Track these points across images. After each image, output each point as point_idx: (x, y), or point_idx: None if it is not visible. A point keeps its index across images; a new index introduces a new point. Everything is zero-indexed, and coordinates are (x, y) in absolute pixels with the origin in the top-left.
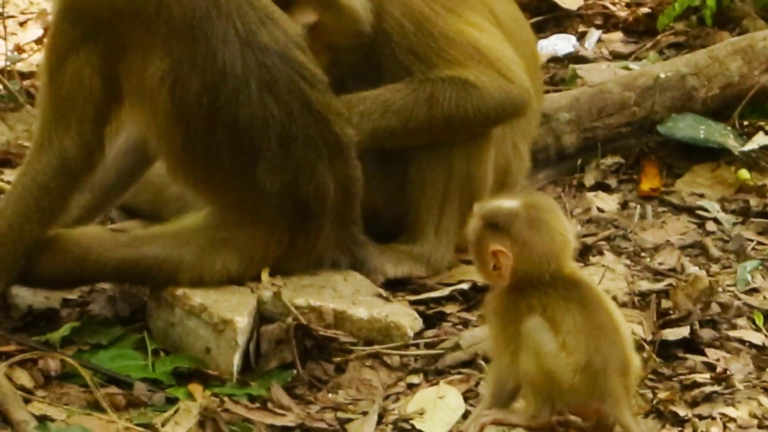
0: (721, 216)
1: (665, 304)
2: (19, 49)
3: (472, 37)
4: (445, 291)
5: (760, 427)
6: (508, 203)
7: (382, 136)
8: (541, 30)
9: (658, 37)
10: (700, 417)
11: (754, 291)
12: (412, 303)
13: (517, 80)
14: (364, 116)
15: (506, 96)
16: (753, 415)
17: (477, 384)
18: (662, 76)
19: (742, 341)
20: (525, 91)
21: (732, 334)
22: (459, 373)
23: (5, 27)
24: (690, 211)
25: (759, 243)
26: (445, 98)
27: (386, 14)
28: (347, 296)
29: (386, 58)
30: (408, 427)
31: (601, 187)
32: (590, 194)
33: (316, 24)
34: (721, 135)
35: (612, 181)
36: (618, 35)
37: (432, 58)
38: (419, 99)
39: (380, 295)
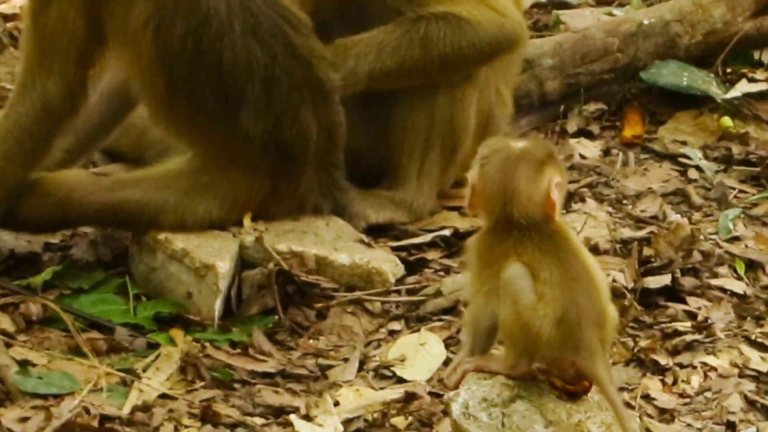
0: (704, 163)
1: (647, 251)
2: None
3: None
4: (427, 237)
5: (740, 376)
6: (500, 142)
7: (378, 78)
8: None
9: None
10: (681, 366)
11: (735, 239)
12: (394, 249)
13: (509, 14)
14: (360, 59)
15: (499, 30)
16: (734, 364)
17: (458, 331)
18: (646, 22)
19: (723, 290)
20: (518, 24)
21: (713, 282)
22: (440, 320)
23: None
24: (672, 158)
25: (741, 191)
26: (439, 35)
27: None
28: (329, 242)
29: (373, 2)
30: (389, 373)
31: (583, 133)
32: (573, 141)
33: None
34: (704, 82)
35: (594, 128)
36: None
37: None
38: (413, 38)
39: (362, 241)
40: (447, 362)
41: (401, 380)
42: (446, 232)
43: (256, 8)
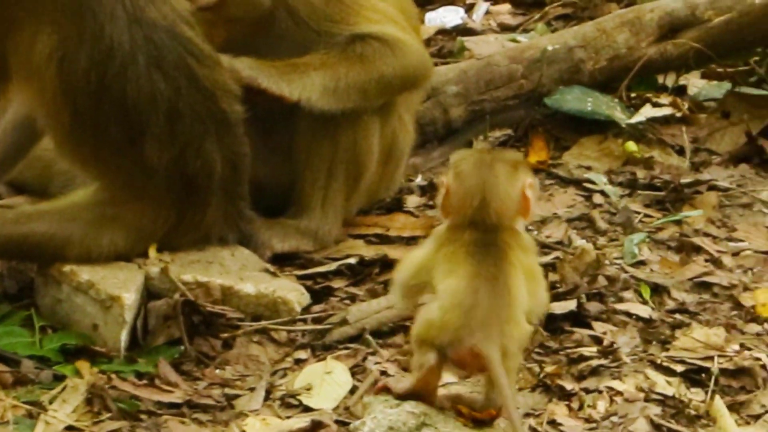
0: (609, 188)
1: (552, 277)
2: None
3: (379, 4)
4: (333, 265)
5: (646, 400)
6: (471, 151)
7: (327, 97)
8: (430, 2)
9: (546, 8)
10: (587, 391)
11: (640, 264)
12: (300, 278)
13: (422, 44)
14: (308, 77)
15: (423, 56)
16: (639, 389)
17: (364, 359)
18: (549, 48)
19: (628, 314)
20: (428, 56)
21: (619, 307)
22: (346, 348)
23: None
24: (577, 183)
25: (646, 215)
26: (376, 54)
27: None
28: (234, 271)
29: (291, 30)
30: (295, 402)
31: None
32: None
33: (220, 1)
34: (609, 107)
35: None
36: (506, 7)
37: (351, 18)
38: (352, 58)
39: (267, 270)
40: (353, 390)
41: (308, 409)
42: (352, 260)
43: (159, 41)
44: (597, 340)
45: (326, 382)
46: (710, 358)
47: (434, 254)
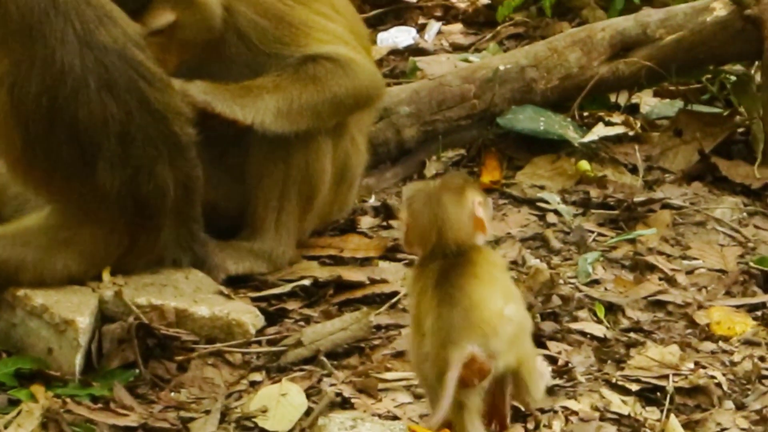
0: (562, 207)
1: None
2: None
3: (329, 26)
4: (287, 287)
5: (601, 419)
6: (419, 184)
7: (281, 119)
8: (382, 22)
9: (498, 28)
10: (543, 411)
11: (595, 283)
12: (254, 300)
13: (374, 64)
14: (261, 100)
15: (375, 75)
16: (595, 408)
17: (319, 380)
18: (501, 68)
19: (583, 333)
20: (381, 76)
21: (573, 326)
22: (301, 370)
23: None
24: (531, 203)
25: (600, 234)
26: (328, 75)
27: (237, 14)
28: (189, 294)
29: (241, 53)
30: (251, 425)
31: None
32: None
33: (174, 22)
34: (561, 126)
35: None
36: (458, 27)
37: (301, 40)
38: (304, 78)
39: (222, 293)
40: (309, 412)
41: (263, 431)
42: (306, 282)
43: (111, 64)
44: (552, 360)
45: (281, 404)
46: (665, 377)
47: (413, 299)
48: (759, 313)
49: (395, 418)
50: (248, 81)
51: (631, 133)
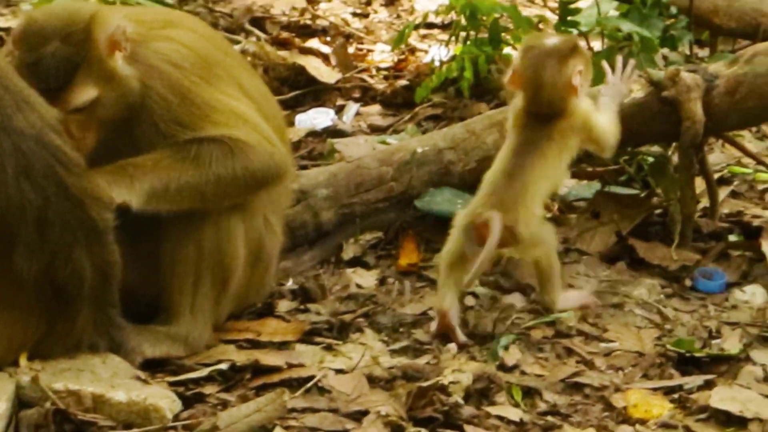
0: (478, 289)
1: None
2: None
3: (232, 105)
4: (204, 371)
5: None
6: (536, 38)
7: (156, 199)
8: (300, 104)
9: (416, 109)
10: None
11: (513, 366)
12: (171, 384)
13: (278, 145)
14: (136, 180)
15: (271, 157)
16: None
17: None
18: (419, 150)
19: (500, 418)
20: (286, 155)
21: (491, 410)
22: None
23: None
24: None
25: (518, 317)
26: (214, 156)
27: (148, 88)
28: (106, 379)
29: (147, 132)
30: None
31: (359, 263)
32: (349, 270)
33: (96, 99)
34: None
35: (370, 257)
36: (376, 108)
37: (198, 123)
38: (188, 158)
39: (139, 378)
40: None
41: None
42: (223, 366)
43: (28, 149)
44: None
45: None
46: None
47: (509, 130)
48: (676, 395)
49: None
50: (129, 159)
51: (548, 216)
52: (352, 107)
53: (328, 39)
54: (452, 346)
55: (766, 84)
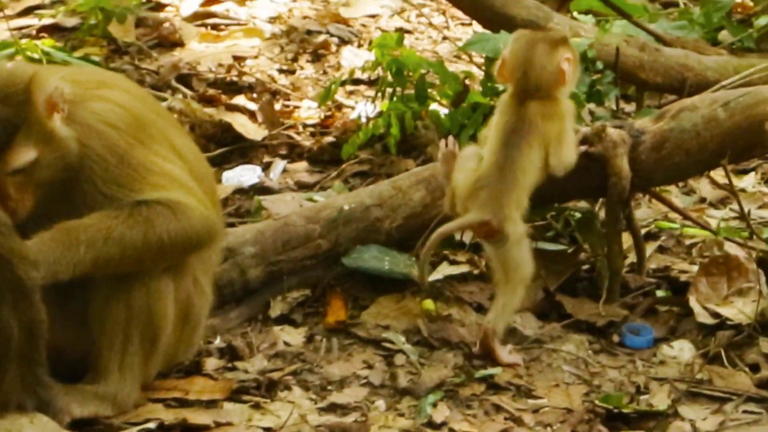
0: (407, 347)
1: None
2: None
3: (167, 167)
4: (132, 431)
5: None
6: (526, 32)
7: (103, 263)
8: (227, 161)
9: (343, 166)
10: None
11: (442, 424)
12: None
13: (210, 208)
14: (88, 246)
15: (207, 220)
16: None
17: None
18: (346, 207)
19: None
20: (218, 217)
21: None
22: None
23: None
24: (376, 343)
25: (447, 374)
26: (158, 219)
27: (86, 148)
28: None
29: (85, 193)
30: None
31: (287, 320)
32: (276, 328)
33: (35, 160)
34: (406, 266)
35: (298, 315)
36: (303, 165)
37: (135, 184)
38: (137, 222)
39: None
40: None
41: None
42: (151, 425)
43: None
44: None
45: None
46: None
47: (495, 116)
48: None
49: None
50: (68, 222)
51: (476, 272)
52: (279, 164)
53: (255, 96)
54: (380, 404)
55: (692, 139)
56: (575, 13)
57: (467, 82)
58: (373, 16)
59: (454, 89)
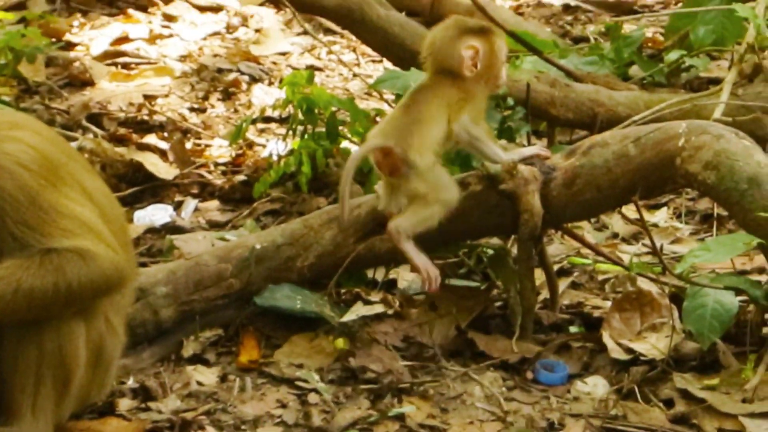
0: (321, 386)
1: None
2: None
3: (77, 211)
4: None
5: None
6: (456, 19)
7: (10, 313)
8: (138, 200)
9: (255, 204)
10: None
11: None
12: None
13: (120, 253)
14: None
15: (116, 267)
16: None
17: None
18: (258, 246)
19: None
20: (128, 262)
21: None
22: None
23: None
24: (289, 382)
25: (361, 412)
26: (68, 268)
27: (2, 190)
28: None
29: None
30: None
31: (200, 360)
32: (189, 368)
33: None
34: (318, 304)
35: (211, 354)
36: (215, 204)
37: (46, 228)
38: (47, 272)
39: None
40: None
41: None
42: None
43: None
44: None
45: None
46: None
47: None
48: None
49: None
50: None
51: (390, 312)
52: (191, 203)
53: (166, 134)
54: None
55: (603, 175)
56: None
57: (378, 119)
58: (283, 54)
59: (365, 127)
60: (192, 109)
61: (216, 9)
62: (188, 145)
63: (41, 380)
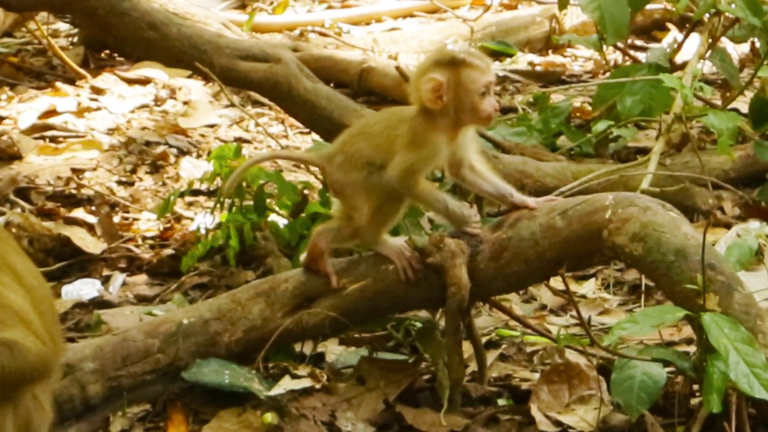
0: None
1: None
2: None
3: (10, 299)
4: None
5: None
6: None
7: None
8: (66, 275)
9: (183, 278)
10: None
11: None
12: None
13: (48, 342)
14: None
15: (42, 359)
16: None
17: None
18: (185, 322)
19: None
20: (54, 352)
21: None
22: None
23: None
24: None
25: None
26: None
27: None
28: None
29: None
30: None
31: None
32: None
33: None
34: (246, 379)
35: (138, 430)
36: (142, 278)
37: None
38: None
39: None
40: None
41: None
42: None
43: None
44: None
45: None
46: None
47: None
48: None
49: None
50: None
51: (318, 386)
52: (119, 277)
53: (94, 208)
54: None
55: (530, 248)
56: None
57: (306, 192)
58: (212, 126)
59: (293, 200)
60: (120, 183)
61: (144, 81)
62: (116, 218)
63: None
